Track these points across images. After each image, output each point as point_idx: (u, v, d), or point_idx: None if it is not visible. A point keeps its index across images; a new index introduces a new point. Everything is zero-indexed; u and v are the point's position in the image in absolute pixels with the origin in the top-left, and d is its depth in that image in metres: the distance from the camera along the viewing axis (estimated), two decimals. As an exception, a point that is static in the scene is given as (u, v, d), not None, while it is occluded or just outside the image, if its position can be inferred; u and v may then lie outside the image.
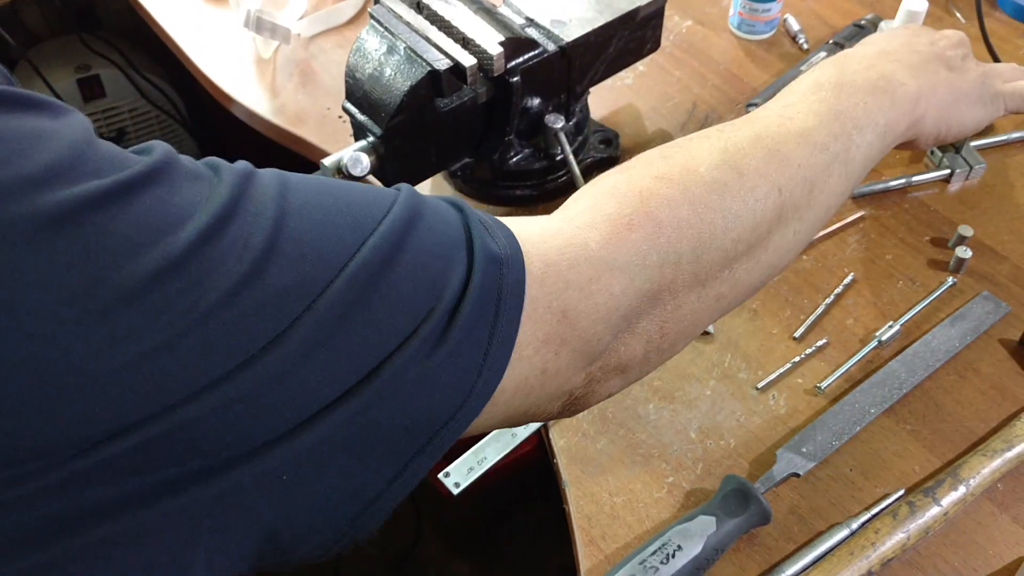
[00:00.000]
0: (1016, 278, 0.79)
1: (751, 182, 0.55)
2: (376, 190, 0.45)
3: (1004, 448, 0.67)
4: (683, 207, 0.52)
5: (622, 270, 0.49)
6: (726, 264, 0.54)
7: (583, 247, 0.49)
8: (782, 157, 0.57)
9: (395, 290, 0.41)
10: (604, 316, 0.49)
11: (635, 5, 0.82)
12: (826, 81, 0.64)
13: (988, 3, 1.07)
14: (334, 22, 1.06)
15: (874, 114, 0.63)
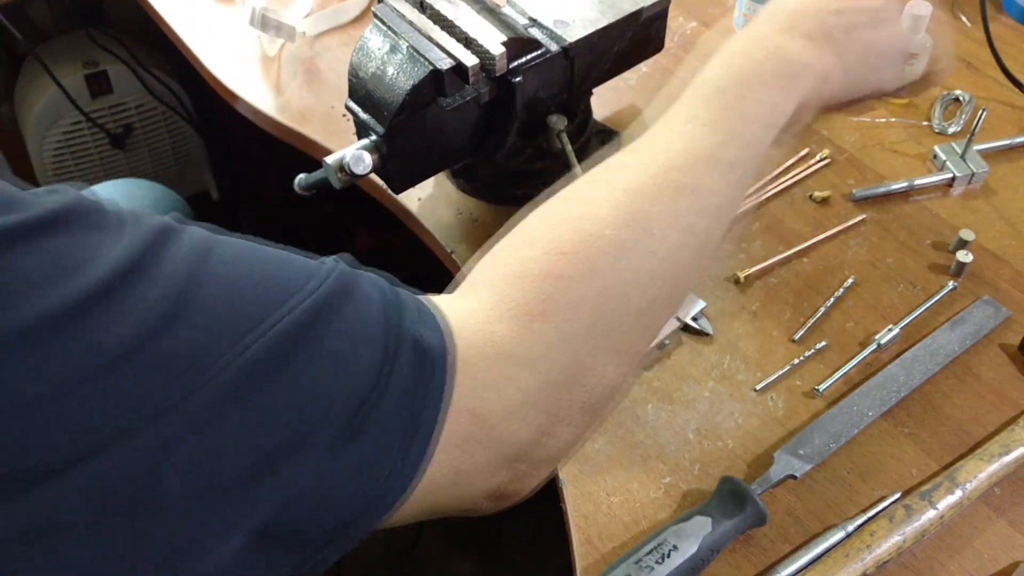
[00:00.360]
0: (1017, 283, 0.79)
1: (662, 234, 0.52)
2: (308, 264, 0.43)
3: (1002, 452, 0.67)
4: (591, 285, 0.49)
5: (533, 364, 0.47)
6: (644, 327, 0.52)
7: (492, 343, 0.47)
8: (692, 190, 0.54)
9: (306, 374, 0.39)
10: (518, 413, 0.46)
11: (639, 6, 0.83)
12: (735, 79, 0.60)
13: (993, 7, 1.07)
14: (339, 20, 1.07)
15: (782, 106, 0.60)
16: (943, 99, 0.94)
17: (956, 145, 0.88)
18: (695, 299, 0.78)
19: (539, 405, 0.47)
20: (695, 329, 0.76)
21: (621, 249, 0.51)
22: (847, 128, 0.92)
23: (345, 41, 1.05)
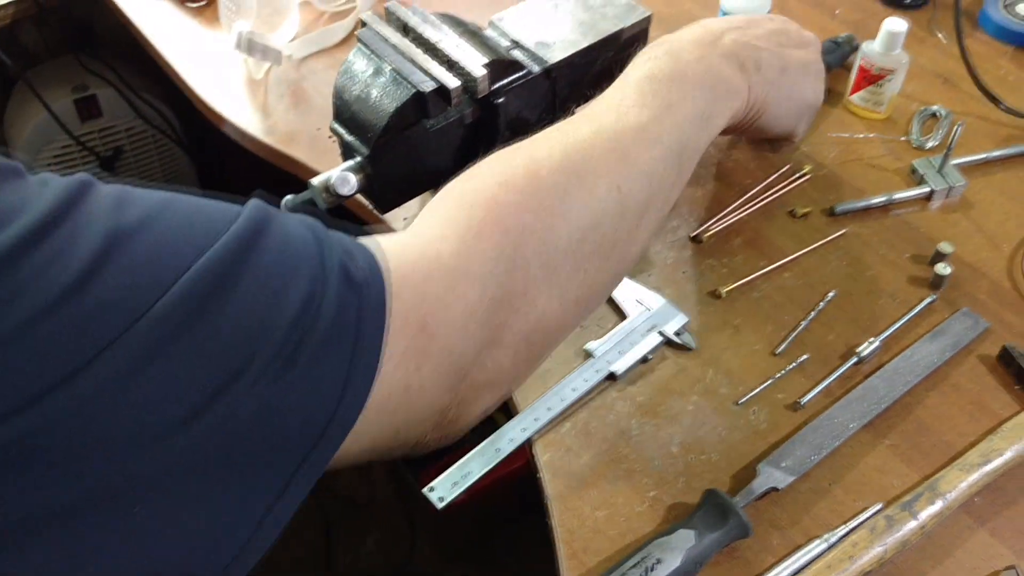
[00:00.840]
0: (995, 294, 0.81)
1: (591, 182, 0.58)
2: (223, 206, 0.44)
3: (981, 462, 0.68)
4: (527, 213, 0.54)
5: (475, 278, 0.50)
6: (576, 265, 0.56)
7: (436, 258, 0.50)
8: (620, 154, 0.60)
9: (233, 307, 0.40)
10: (462, 326, 0.49)
11: (619, 27, 0.84)
12: (660, 73, 0.67)
13: (969, 23, 1.09)
14: (325, 43, 1.08)
15: (701, 106, 0.67)
16: (921, 114, 0.96)
17: (934, 159, 0.89)
18: (678, 313, 0.79)
19: (480, 319, 0.50)
20: (678, 344, 0.77)
21: (554, 188, 0.56)
22: (827, 144, 0.94)
23: (331, 63, 1.06)
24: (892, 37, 0.90)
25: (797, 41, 0.80)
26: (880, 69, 0.92)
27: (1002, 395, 0.74)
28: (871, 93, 0.94)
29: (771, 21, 0.80)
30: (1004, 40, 1.06)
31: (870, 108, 0.96)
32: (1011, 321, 0.78)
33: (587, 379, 0.75)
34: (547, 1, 0.87)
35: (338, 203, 0.76)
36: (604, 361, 0.76)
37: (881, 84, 0.93)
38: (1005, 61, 1.04)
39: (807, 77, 0.79)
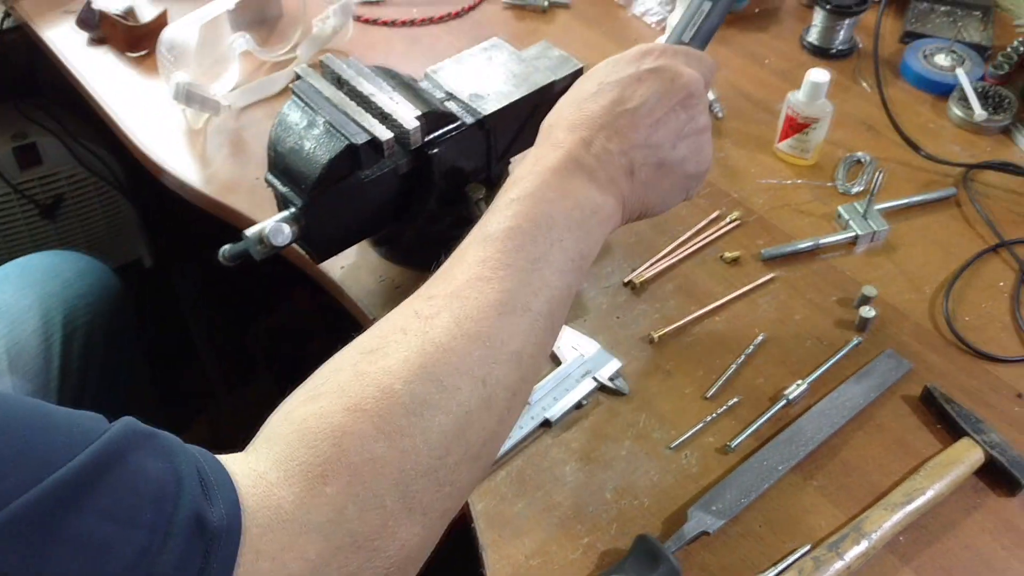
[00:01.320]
0: (917, 336, 0.83)
1: (453, 385, 0.51)
2: (83, 426, 0.41)
3: (904, 502, 0.70)
4: (379, 443, 0.48)
5: (318, 530, 0.45)
6: (440, 481, 0.50)
7: (276, 509, 0.44)
8: (484, 340, 0.53)
9: (53, 563, 0.36)
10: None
11: (551, 79, 0.86)
12: (523, 223, 0.58)
13: (892, 73, 1.13)
14: (265, 93, 1.09)
15: (570, 250, 0.59)
16: (846, 161, 0.99)
17: (859, 205, 0.92)
18: (612, 359, 0.80)
19: (327, 572, 0.45)
20: (612, 389, 0.78)
21: (412, 403, 0.49)
22: (756, 190, 0.96)
23: (271, 113, 1.07)
24: (815, 87, 0.94)
25: (677, 102, 0.66)
26: (805, 118, 0.95)
27: (925, 434, 0.76)
28: (798, 141, 0.97)
29: (640, 83, 0.66)
30: (924, 89, 1.10)
31: (797, 155, 0.99)
32: (933, 361, 0.81)
33: (522, 426, 0.75)
34: (482, 54, 0.88)
35: (273, 253, 0.77)
36: (539, 408, 0.77)
37: (807, 132, 0.96)
38: (925, 109, 1.08)
39: (689, 153, 0.67)
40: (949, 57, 1.11)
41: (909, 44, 1.15)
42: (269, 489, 0.45)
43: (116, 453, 0.40)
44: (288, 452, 0.47)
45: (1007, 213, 0.94)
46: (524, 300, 0.56)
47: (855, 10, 1.12)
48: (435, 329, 0.53)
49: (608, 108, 0.65)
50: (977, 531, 0.69)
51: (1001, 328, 0.84)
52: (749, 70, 1.13)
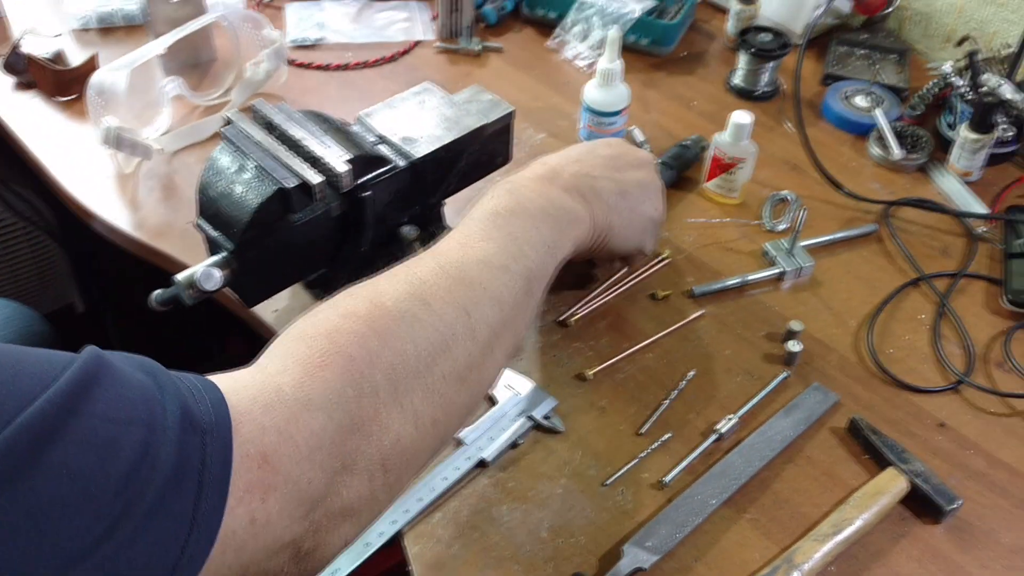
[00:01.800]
0: (843, 369, 0.85)
1: (439, 308, 0.58)
2: (54, 355, 0.43)
3: (833, 532, 0.71)
4: (372, 339, 0.54)
5: (319, 408, 0.49)
6: (429, 388, 0.56)
7: (276, 391, 0.49)
8: (467, 282, 0.61)
9: (62, 463, 0.38)
10: (307, 455, 0.48)
11: (482, 122, 0.87)
12: (502, 208, 0.69)
13: (814, 114, 1.17)
14: (197, 137, 1.08)
15: (545, 235, 0.69)
16: (771, 199, 1.02)
17: (784, 242, 0.95)
18: (547, 397, 0.80)
19: (328, 448, 0.49)
20: (547, 427, 0.79)
21: (401, 314, 0.57)
22: (685, 229, 0.99)
23: (203, 157, 1.06)
24: (739, 128, 0.97)
25: (633, 163, 0.82)
26: (731, 158, 0.98)
27: (852, 465, 0.78)
28: (724, 180, 1.00)
29: (607, 147, 0.83)
30: (844, 129, 1.14)
31: (724, 194, 1.01)
32: (858, 393, 0.83)
33: (458, 467, 0.75)
34: (413, 98, 0.89)
35: (204, 298, 0.76)
36: (475, 448, 0.77)
37: (733, 172, 0.99)
38: (846, 148, 1.12)
39: (646, 195, 0.82)
40: (867, 98, 1.15)
41: (829, 86, 1.19)
42: (268, 378, 0.50)
43: (97, 367, 0.43)
44: (288, 349, 0.53)
45: (925, 248, 0.98)
46: (503, 261, 0.64)
47: (777, 54, 1.16)
48: (421, 271, 0.61)
49: (581, 151, 0.81)
50: (904, 559, 0.71)
51: (923, 359, 0.86)
52: (677, 112, 1.16)
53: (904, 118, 1.14)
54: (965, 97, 1.07)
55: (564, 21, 1.28)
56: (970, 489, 0.76)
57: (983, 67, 1.06)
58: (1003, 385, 0.84)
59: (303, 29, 1.29)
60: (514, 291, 0.64)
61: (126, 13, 1.27)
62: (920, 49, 1.30)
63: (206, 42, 1.21)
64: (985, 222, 1.01)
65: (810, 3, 1.24)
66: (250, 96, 1.14)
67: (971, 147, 1.03)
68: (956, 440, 0.79)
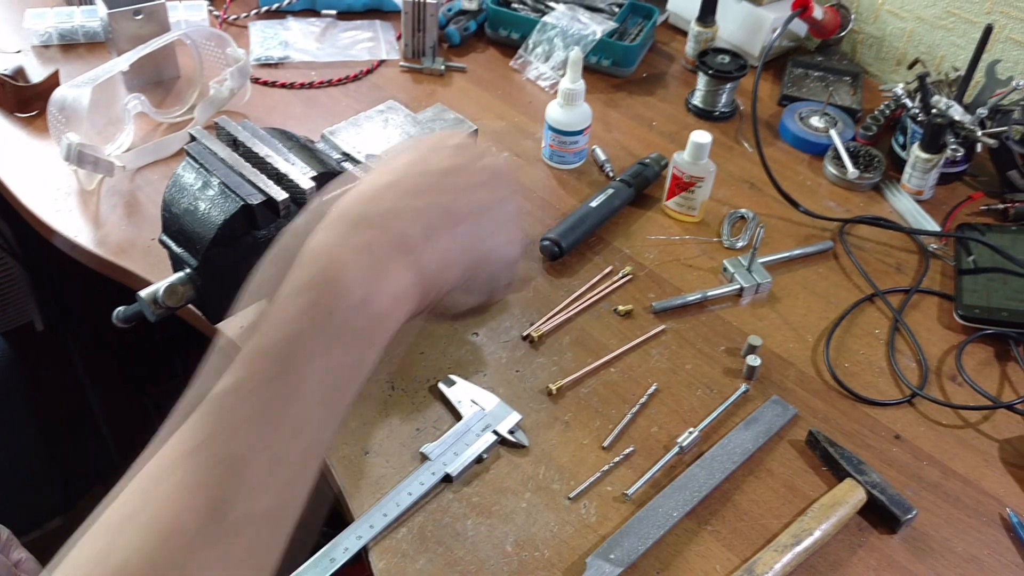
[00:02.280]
0: (801, 382, 0.87)
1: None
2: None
3: (793, 543, 0.72)
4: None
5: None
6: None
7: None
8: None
9: None
10: None
11: (447, 140, 0.88)
12: (272, 347, 0.46)
13: (772, 134, 1.20)
14: (161, 154, 1.08)
15: (336, 364, 0.46)
16: (730, 217, 1.04)
17: (743, 259, 0.97)
18: (511, 412, 0.81)
19: None
20: (512, 442, 0.79)
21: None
22: (647, 246, 1.00)
23: (167, 174, 1.06)
24: (698, 148, 0.98)
25: (479, 179, 0.55)
26: (691, 177, 1.00)
27: (811, 477, 0.79)
28: (684, 199, 1.02)
29: (442, 154, 0.55)
30: (801, 149, 1.17)
31: (684, 212, 1.03)
32: (816, 406, 0.85)
33: (423, 482, 0.76)
34: (378, 116, 0.90)
35: (168, 314, 0.76)
36: (440, 463, 0.77)
37: (692, 190, 1.01)
38: (803, 168, 1.14)
39: (496, 227, 0.55)
40: (823, 119, 1.18)
41: (786, 107, 1.22)
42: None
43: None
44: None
45: (880, 264, 1.00)
46: (233, 520, 0.42)
47: (735, 75, 1.18)
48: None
49: (402, 164, 0.54)
50: (862, 568, 0.73)
51: (878, 373, 0.89)
52: (637, 131, 1.18)
53: (858, 138, 1.17)
54: (916, 118, 1.10)
55: (527, 42, 1.30)
56: (925, 499, 0.77)
57: (933, 89, 1.09)
58: (956, 398, 0.86)
59: (267, 48, 1.30)
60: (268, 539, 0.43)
61: (87, 30, 1.27)
62: (873, 72, 1.33)
63: (169, 60, 1.21)
64: (937, 239, 1.04)
65: (767, 26, 1.27)
66: (214, 114, 1.14)
67: (922, 166, 1.06)
68: (911, 452, 0.81)
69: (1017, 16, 1.14)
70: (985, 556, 0.74)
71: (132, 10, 1.15)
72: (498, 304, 0.68)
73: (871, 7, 1.29)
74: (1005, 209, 1.07)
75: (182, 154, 1.09)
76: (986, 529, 0.76)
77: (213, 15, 1.36)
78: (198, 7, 1.33)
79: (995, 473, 0.80)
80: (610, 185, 1.04)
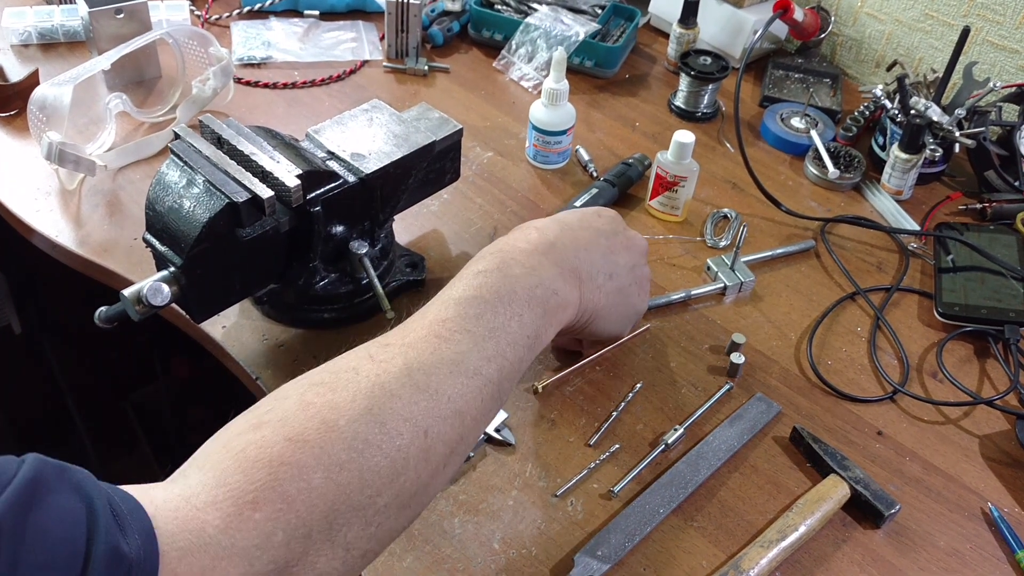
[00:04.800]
0: (785, 380, 0.88)
1: (395, 429, 0.53)
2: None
3: (778, 538, 0.73)
4: (316, 473, 0.49)
5: (241, 555, 0.45)
6: (368, 521, 0.51)
7: (199, 532, 0.45)
8: (432, 392, 0.56)
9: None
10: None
11: (431, 139, 0.88)
12: (487, 292, 0.63)
13: (753, 135, 1.21)
14: (143, 154, 1.07)
15: (527, 326, 0.64)
16: (713, 216, 1.05)
17: (726, 257, 0.98)
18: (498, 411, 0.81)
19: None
20: (498, 440, 0.80)
21: (354, 439, 0.51)
22: (631, 245, 1.01)
23: (149, 174, 1.05)
24: (681, 147, 0.99)
25: (627, 245, 0.79)
26: (674, 176, 1.00)
27: (795, 473, 0.80)
28: (668, 198, 1.02)
29: (602, 220, 0.78)
30: (782, 149, 1.18)
31: (668, 212, 1.04)
32: (799, 403, 0.85)
33: (409, 480, 0.76)
34: (363, 115, 0.90)
35: (151, 313, 0.75)
36: (426, 461, 0.77)
37: (676, 190, 1.01)
38: (784, 168, 1.15)
39: (636, 284, 0.79)
40: (804, 120, 1.19)
41: (767, 108, 1.23)
42: (193, 513, 0.46)
43: (35, 493, 0.40)
44: (220, 477, 0.48)
45: (861, 263, 1.01)
46: (476, 364, 0.59)
47: (717, 77, 1.19)
48: (386, 374, 0.55)
49: (576, 221, 0.76)
50: (847, 563, 0.73)
51: (860, 370, 0.89)
52: (620, 132, 1.19)
53: (838, 139, 1.18)
54: (895, 119, 1.11)
55: (510, 43, 1.30)
56: (908, 495, 0.78)
57: (911, 91, 1.10)
58: (937, 394, 0.87)
59: (250, 48, 1.29)
60: (481, 399, 0.59)
61: (67, 29, 1.26)
62: (852, 74, 1.35)
63: (151, 59, 1.20)
64: (917, 238, 1.05)
65: (748, 28, 1.28)
66: (196, 113, 1.13)
67: (902, 167, 1.07)
68: (894, 447, 0.82)
69: (993, 19, 1.16)
70: (967, 550, 0.75)
71: (113, 9, 1.14)
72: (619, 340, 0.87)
73: (850, 10, 1.31)
74: (983, 209, 1.09)
75: (164, 154, 1.09)
76: (968, 523, 0.77)
77: (195, 15, 1.35)
78: (180, 7, 1.32)
79: (976, 468, 0.81)
80: (594, 185, 1.05)
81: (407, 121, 0.90)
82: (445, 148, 0.91)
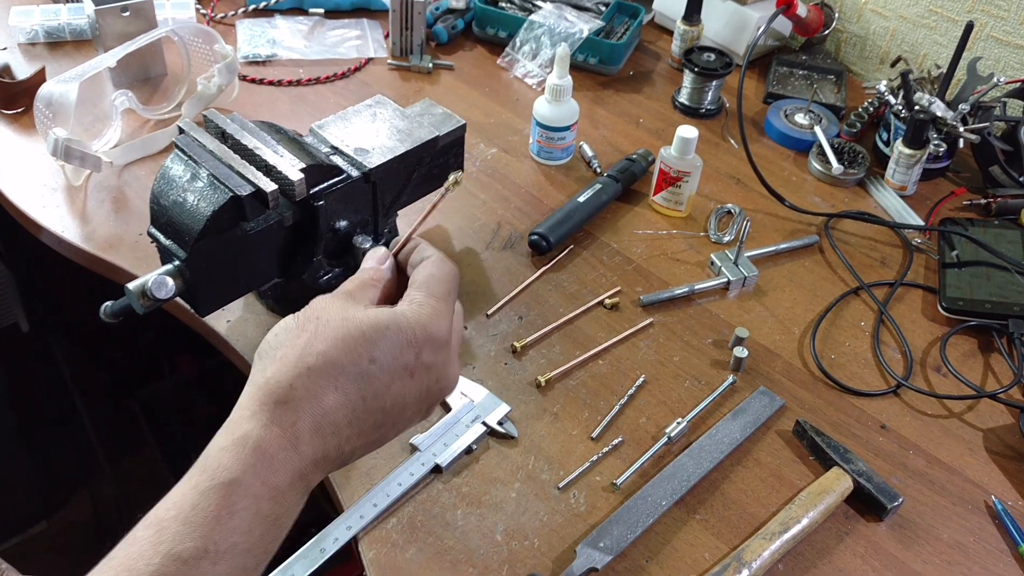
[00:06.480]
0: (788, 374, 0.88)
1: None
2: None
3: (781, 531, 0.73)
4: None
5: None
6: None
7: None
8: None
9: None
10: None
11: (435, 135, 0.88)
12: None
13: (757, 131, 1.21)
14: (149, 150, 1.08)
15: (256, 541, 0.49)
16: (717, 212, 1.05)
17: (730, 252, 0.98)
18: (500, 403, 0.81)
19: None
20: (501, 433, 0.80)
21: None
22: (634, 240, 1.01)
23: (154, 171, 1.06)
24: (685, 143, 0.99)
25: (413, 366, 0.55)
26: (677, 172, 1.01)
27: (798, 466, 0.80)
28: (671, 193, 1.03)
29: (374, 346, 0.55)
30: (786, 145, 1.18)
31: (671, 207, 1.04)
32: (803, 397, 0.85)
33: (413, 473, 0.76)
34: (366, 110, 0.90)
35: (156, 307, 0.76)
36: (429, 454, 0.77)
37: (679, 185, 1.01)
38: (788, 164, 1.15)
39: (417, 413, 0.58)
40: (807, 116, 1.19)
41: (771, 104, 1.23)
42: None
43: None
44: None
45: (864, 258, 1.01)
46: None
47: (721, 73, 1.19)
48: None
49: (315, 384, 0.56)
50: (849, 555, 0.73)
51: (864, 365, 0.89)
52: (624, 128, 1.19)
53: (842, 135, 1.18)
54: (899, 115, 1.11)
55: (514, 40, 1.30)
56: (911, 487, 0.78)
57: (915, 87, 1.10)
58: (940, 388, 0.87)
59: (255, 45, 1.30)
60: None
61: (74, 27, 1.27)
62: (856, 70, 1.35)
63: (156, 56, 1.21)
64: (921, 234, 1.05)
65: (752, 25, 1.28)
66: (202, 110, 1.14)
67: (906, 162, 1.07)
68: (897, 441, 0.82)
69: (997, 14, 1.16)
70: (970, 543, 0.74)
71: (119, 7, 1.14)
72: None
73: (854, 6, 1.31)
74: (987, 204, 1.08)
75: (169, 150, 1.10)
76: (971, 516, 0.76)
77: (200, 13, 1.36)
78: (185, 5, 1.33)
79: (979, 461, 0.81)
80: (597, 180, 1.05)
81: (411, 116, 0.90)
82: (448, 144, 0.91)
